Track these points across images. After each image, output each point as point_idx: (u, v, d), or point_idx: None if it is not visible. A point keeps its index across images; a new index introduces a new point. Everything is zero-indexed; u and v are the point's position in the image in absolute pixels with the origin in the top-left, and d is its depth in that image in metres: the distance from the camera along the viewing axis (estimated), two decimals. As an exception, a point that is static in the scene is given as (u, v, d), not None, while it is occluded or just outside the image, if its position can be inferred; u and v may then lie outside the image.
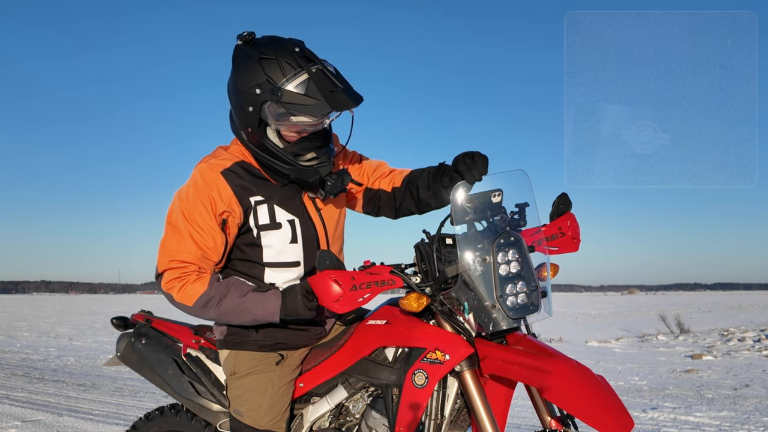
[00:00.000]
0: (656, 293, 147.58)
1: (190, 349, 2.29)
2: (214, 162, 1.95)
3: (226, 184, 1.91)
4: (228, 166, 1.94)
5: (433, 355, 1.76)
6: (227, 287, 1.89)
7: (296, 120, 1.82)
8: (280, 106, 1.80)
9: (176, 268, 1.91)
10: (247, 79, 1.83)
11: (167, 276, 1.92)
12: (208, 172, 1.92)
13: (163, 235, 1.96)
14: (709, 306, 36.90)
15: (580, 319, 23.80)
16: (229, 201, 1.91)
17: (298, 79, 1.80)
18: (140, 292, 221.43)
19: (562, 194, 2.03)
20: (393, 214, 2.22)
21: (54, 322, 20.98)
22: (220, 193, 1.90)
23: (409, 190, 2.13)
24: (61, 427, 5.00)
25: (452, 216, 1.79)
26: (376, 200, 2.20)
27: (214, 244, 1.91)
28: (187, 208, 1.91)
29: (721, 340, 13.04)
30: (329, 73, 1.83)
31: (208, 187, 1.90)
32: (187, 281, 1.90)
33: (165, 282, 1.92)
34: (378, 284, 1.72)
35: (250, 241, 1.98)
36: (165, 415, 2.42)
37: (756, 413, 5.57)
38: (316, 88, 1.79)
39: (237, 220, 1.94)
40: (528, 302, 1.74)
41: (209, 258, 1.93)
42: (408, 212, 2.19)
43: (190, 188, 1.93)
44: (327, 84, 1.81)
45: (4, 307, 36.28)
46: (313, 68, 1.81)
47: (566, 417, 1.78)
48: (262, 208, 1.95)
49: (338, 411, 2.04)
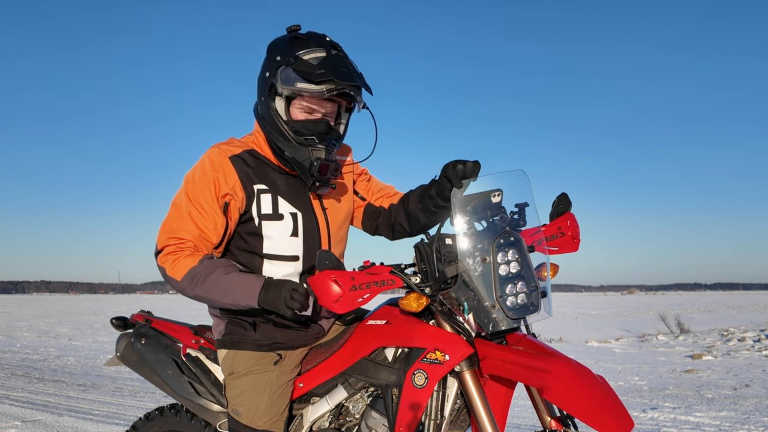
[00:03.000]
0: (656, 293, 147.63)
1: (189, 350, 2.28)
2: (224, 147, 2.00)
3: (232, 169, 1.96)
4: (237, 152, 2.00)
5: (432, 355, 1.76)
6: (215, 265, 1.91)
7: (300, 86, 1.88)
8: (292, 71, 1.88)
9: (173, 245, 1.94)
10: (275, 50, 1.94)
11: (164, 251, 1.95)
12: (217, 156, 1.97)
13: (166, 215, 2.00)
14: (709, 306, 36.91)
15: (580, 319, 23.80)
16: (233, 185, 1.95)
17: (316, 54, 1.89)
18: (140, 292, 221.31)
19: (561, 194, 2.03)
20: (389, 234, 2.27)
21: (54, 322, 20.98)
22: (225, 177, 1.94)
23: (402, 204, 2.19)
24: (61, 427, 5.00)
25: (452, 216, 1.79)
26: (375, 217, 2.26)
27: (213, 225, 1.94)
28: (191, 189, 1.96)
29: (721, 340, 13.04)
30: (347, 60, 1.92)
31: (214, 169, 1.95)
32: (180, 256, 1.92)
33: (161, 257, 1.95)
34: (378, 284, 1.72)
35: (250, 229, 2.00)
36: (165, 415, 2.42)
37: (756, 413, 5.56)
38: (328, 63, 1.87)
39: (239, 205, 1.97)
40: (528, 302, 1.74)
41: (208, 239, 1.95)
42: (401, 229, 2.22)
43: (197, 170, 1.98)
44: (340, 64, 1.89)
45: (4, 307, 36.30)
46: (333, 51, 1.90)
47: (566, 417, 1.78)
48: (265, 197, 1.99)
49: (338, 411, 2.04)
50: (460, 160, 1.89)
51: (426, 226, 2.14)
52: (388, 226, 2.24)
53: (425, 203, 2.07)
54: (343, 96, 1.95)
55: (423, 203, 2.08)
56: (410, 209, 2.13)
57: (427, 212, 2.09)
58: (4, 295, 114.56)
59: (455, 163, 1.89)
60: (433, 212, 2.07)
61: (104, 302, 54.91)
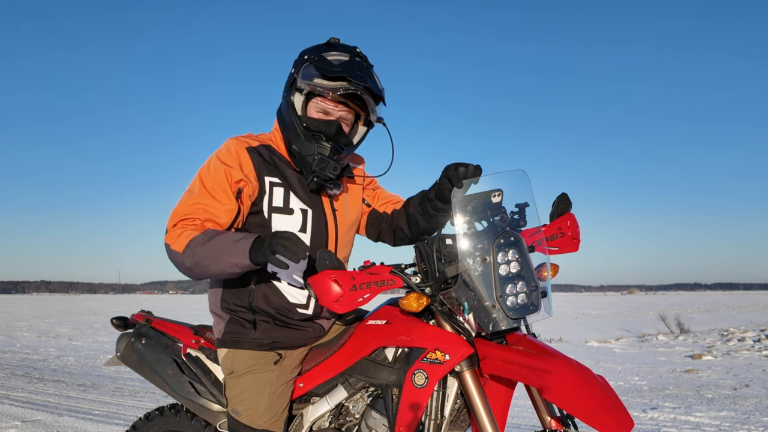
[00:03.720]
0: (656, 293, 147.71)
1: (189, 349, 2.29)
2: (242, 139, 2.05)
3: (248, 158, 1.99)
4: (254, 145, 2.04)
5: (433, 355, 1.76)
6: (214, 232, 1.88)
7: (316, 81, 1.94)
8: (312, 68, 1.95)
9: (181, 222, 1.93)
10: (306, 51, 2.01)
11: (172, 230, 1.94)
12: (234, 145, 2.01)
13: (179, 200, 2.00)
14: (709, 306, 36.91)
15: (580, 319, 23.81)
16: (248, 173, 1.98)
17: (340, 57, 1.96)
18: (140, 292, 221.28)
19: (561, 194, 2.03)
20: (391, 239, 2.28)
21: (54, 322, 20.98)
22: (241, 164, 1.98)
23: (403, 209, 2.21)
24: (61, 427, 5.00)
25: (452, 216, 1.79)
26: (378, 222, 2.28)
27: (225, 208, 1.95)
28: (206, 174, 1.98)
29: (721, 340, 13.04)
30: (369, 70, 1.99)
31: (230, 156, 1.98)
32: (185, 231, 1.91)
33: (168, 234, 1.94)
34: (378, 284, 1.72)
35: (259, 222, 2.01)
36: (165, 415, 2.42)
37: (756, 413, 5.57)
38: (347, 65, 1.93)
39: (251, 193, 1.99)
40: (528, 302, 1.74)
41: (216, 221, 1.94)
42: (402, 234, 2.23)
43: (213, 158, 2.01)
44: (358, 68, 1.94)
45: (4, 307, 36.30)
46: (357, 59, 1.97)
47: (566, 417, 1.78)
48: (278, 191, 2.01)
49: (338, 411, 2.04)
50: (462, 163, 1.89)
51: (425, 230, 2.14)
52: (391, 231, 2.25)
53: (424, 206, 2.08)
54: (357, 101, 1.99)
55: (422, 207, 2.09)
56: (410, 212, 2.15)
57: (426, 216, 2.09)
58: (4, 295, 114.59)
59: (456, 166, 1.89)
60: (432, 215, 2.07)
61: (104, 302, 54.91)
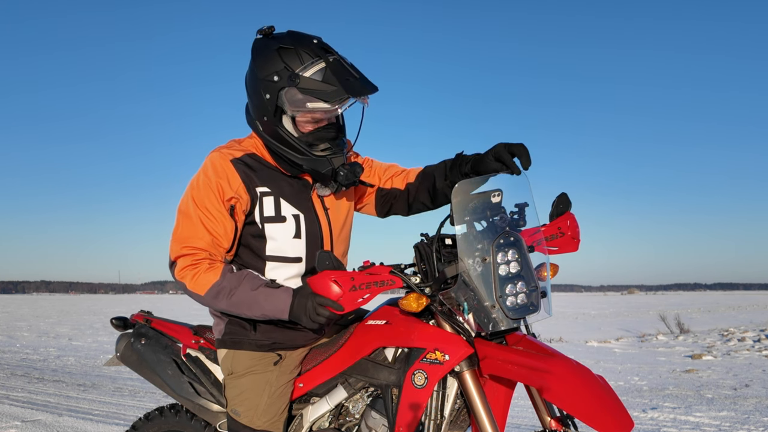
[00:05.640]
0: (656, 293, 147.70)
1: (189, 350, 2.28)
2: (225, 151, 1.99)
3: (235, 172, 1.95)
4: (238, 156, 1.99)
5: (432, 355, 1.76)
6: (240, 279, 1.90)
7: (312, 106, 1.85)
8: (298, 92, 1.84)
9: (188, 255, 1.93)
10: (265, 67, 1.87)
11: (180, 264, 1.94)
12: (218, 160, 1.96)
13: (175, 224, 1.98)
14: (709, 306, 36.91)
15: (580, 319, 23.81)
16: (237, 188, 1.94)
17: (316, 67, 1.84)
18: (140, 292, 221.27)
19: (561, 194, 2.03)
20: (405, 210, 2.23)
21: (54, 322, 20.99)
22: (229, 181, 1.94)
23: (424, 183, 2.14)
24: (61, 427, 5.00)
25: (452, 216, 1.78)
26: (389, 199, 2.22)
27: (224, 230, 1.93)
28: (197, 195, 1.94)
29: (721, 340, 13.04)
30: (346, 64, 1.88)
31: (217, 174, 1.94)
32: (200, 270, 1.91)
33: (178, 270, 1.94)
34: (378, 284, 1.72)
35: (253, 232, 2.00)
36: (164, 415, 2.42)
37: (756, 413, 5.56)
38: (333, 76, 1.83)
39: (243, 207, 1.96)
40: (528, 302, 1.74)
41: (220, 245, 1.94)
42: (422, 206, 2.19)
43: (200, 176, 1.97)
44: (343, 72, 1.85)
45: (4, 307, 36.29)
46: (330, 58, 1.86)
47: (566, 417, 1.78)
48: (268, 200, 1.98)
49: (338, 411, 2.04)
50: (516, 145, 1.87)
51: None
52: (405, 205, 2.21)
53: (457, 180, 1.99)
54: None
55: (454, 181, 2.00)
56: (438, 187, 2.09)
57: None
58: (4, 295, 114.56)
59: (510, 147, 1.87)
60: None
61: (104, 302, 54.91)
